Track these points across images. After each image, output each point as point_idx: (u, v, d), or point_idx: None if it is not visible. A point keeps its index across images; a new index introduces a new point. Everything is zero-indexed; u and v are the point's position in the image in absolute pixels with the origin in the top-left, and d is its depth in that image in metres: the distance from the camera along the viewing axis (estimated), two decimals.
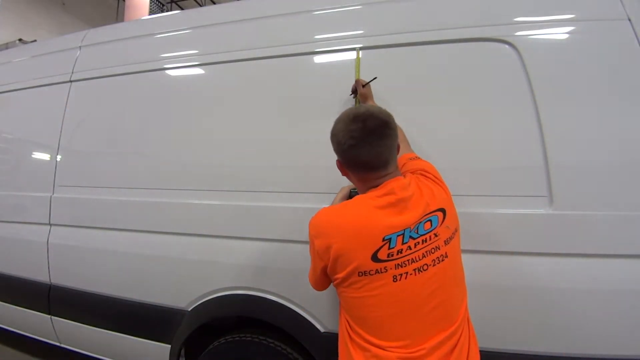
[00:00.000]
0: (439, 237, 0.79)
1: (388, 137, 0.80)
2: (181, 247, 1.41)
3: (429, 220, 0.79)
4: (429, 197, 0.82)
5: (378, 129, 0.79)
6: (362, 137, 0.79)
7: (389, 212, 0.78)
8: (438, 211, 0.81)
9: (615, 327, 0.96)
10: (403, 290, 0.75)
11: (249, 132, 1.37)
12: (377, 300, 0.76)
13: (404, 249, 0.76)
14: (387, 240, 0.75)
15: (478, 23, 1.17)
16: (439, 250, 0.78)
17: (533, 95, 1.07)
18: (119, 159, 1.61)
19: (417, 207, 0.79)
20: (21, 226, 1.82)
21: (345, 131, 0.81)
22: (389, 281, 0.75)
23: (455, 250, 0.83)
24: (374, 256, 0.75)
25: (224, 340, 1.31)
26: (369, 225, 0.77)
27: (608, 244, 0.97)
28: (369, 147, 0.79)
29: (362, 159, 0.81)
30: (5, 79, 2.06)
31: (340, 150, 0.83)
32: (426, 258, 0.77)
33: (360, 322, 0.79)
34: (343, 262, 0.78)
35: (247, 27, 1.48)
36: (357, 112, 0.82)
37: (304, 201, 1.24)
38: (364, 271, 0.76)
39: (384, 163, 0.81)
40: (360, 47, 1.27)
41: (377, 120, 0.79)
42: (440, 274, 0.78)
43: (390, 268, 0.75)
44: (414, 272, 0.76)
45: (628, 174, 0.98)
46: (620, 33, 1.05)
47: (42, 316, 1.75)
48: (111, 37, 1.79)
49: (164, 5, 10.99)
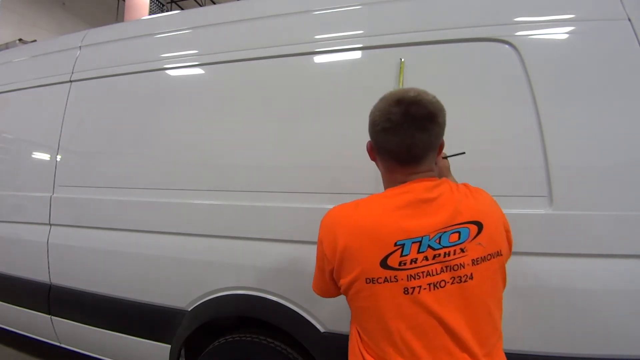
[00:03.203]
0: (466, 253, 0.67)
1: (428, 131, 0.69)
2: (181, 247, 1.41)
3: (457, 231, 0.67)
4: (463, 205, 0.69)
5: (420, 119, 0.69)
6: (399, 122, 0.69)
7: (405, 214, 0.68)
8: (471, 224, 0.68)
9: (615, 327, 0.96)
10: (415, 305, 0.66)
11: (249, 132, 1.37)
12: (386, 312, 0.67)
13: (419, 258, 0.66)
14: (399, 245, 0.66)
15: (478, 23, 1.17)
16: (463, 269, 0.66)
17: (533, 95, 1.07)
18: (119, 159, 1.61)
19: (441, 213, 0.68)
20: (21, 226, 1.82)
21: (383, 111, 0.72)
22: (399, 292, 0.66)
23: (487, 277, 0.68)
24: (383, 262, 0.66)
25: (224, 340, 1.31)
26: (380, 225, 0.68)
27: (608, 244, 0.97)
28: (403, 136, 0.69)
29: (391, 147, 0.72)
30: (5, 79, 2.06)
31: (373, 130, 0.75)
32: (444, 274, 0.66)
33: (372, 334, 0.71)
34: (349, 265, 0.70)
35: (247, 27, 1.48)
36: (404, 94, 0.71)
37: (304, 201, 1.24)
38: (371, 278, 0.67)
39: (414, 158, 0.72)
40: (403, 58, 1.22)
41: (423, 110, 0.69)
42: (463, 295, 0.66)
43: (402, 278, 0.66)
44: (428, 287, 0.66)
45: (628, 174, 0.98)
46: (620, 33, 1.05)
47: (42, 316, 1.76)
48: (111, 37, 1.79)
49: (164, 5, 10.99)
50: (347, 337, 1.18)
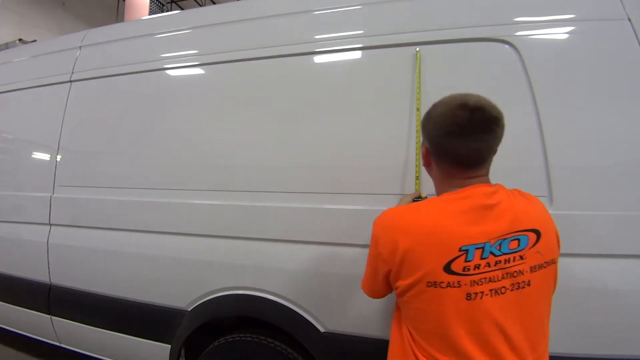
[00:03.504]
0: (525, 261, 0.68)
1: (493, 133, 0.71)
2: (181, 247, 1.41)
3: (517, 239, 0.68)
4: (523, 213, 0.71)
5: (486, 122, 0.70)
6: (466, 126, 0.70)
7: (467, 219, 0.69)
8: (530, 231, 0.69)
9: (615, 327, 0.96)
10: (476, 310, 0.67)
11: (249, 132, 1.37)
12: (447, 316, 0.67)
13: (482, 264, 0.67)
14: (464, 251, 0.67)
15: (478, 23, 1.17)
16: (522, 276, 0.68)
17: (533, 95, 1.07)
18: (119, 159, 1.61)
19: (501, 219, 0.69)
20: (21, 226, 1.82)
21: (447, 116, 0.72)
22: (461, 298, 0.67)
23: (542, 284, 0.71)
24: (447, 267, 0.67)
25: (224, 340, 1.31)
26: (445, 230, 0.69)
27: (608, 244, 0.97)
28: (471, 140, 0.70)
29: (458, 151, 0.72)
30: (5, 79, 2.06)
31: (437, 136, 0.74)
32: (505, 280, 0.67)
33: (427, 336, 0.71)
34: (411, 267, 0.70)
35: (247, 27, 1.48)
36: (465, 99, 0.72)
37: (304, 201, 1.24)
38: (433, 281, 0.68)
39: (479, 161, 0.74)
40: (418, 48, 1.21)
41: (488, 113, 0.70)
42: (521, 302, 0.68)
43: (465, 284, 0.66)
44: (490, 292, 0.66)
45: (628, 174, 0.98)
46: (620, 33, 1.05)
47: (42, 316, 1.76)
48: (111, 37, 1.79)
49: (164, 5, 10.99)
50: (347, 337, 1.18)
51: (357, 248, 1.16)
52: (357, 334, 1.16)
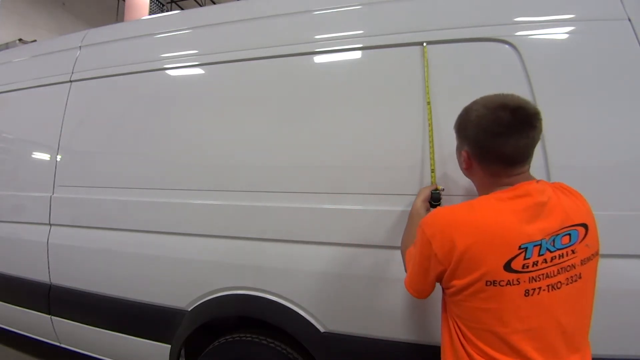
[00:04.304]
0: (577, 255, 0.70)
1: (536, 129, 0.72)
2: (181, 247, 1.41)
3: (568, 234, 0.70)
4: (570, 208, 0.73)
5: (529, 118, 0.72)
6: (512, 124, 0.71)
7: (524, 217, 0.70)
8: (579, 226, 0.72)
9: (615, 327, 0.96)
10: (534, 306, 0.68)
11: (249, 132, 1.37)
12: (504, 314, 0.68)
13: (540, 261, 0.68)
14: (523, 249, 0.68)
15: (478, 23, 1.17)
16: (575, 269, 0.70)
17: (533, 95, 1.07)
18: (119, 159, 1.61)
19: (554, 216, 0.71)
20: (21, 226, 1.82)
21: (490, 117, 0.73)
22: (520, 295, 0.68)
23: (590, 275, 0.74)
24: (507, 265, 0.67)
25: (224, 340, 1.31)
26: (504, 229, 0.69)
27: (608, 244, 0.97)
28: (518, 138, 0.72)
29: (506, 150, 0.73)
30: (5, 79, 2.06)
31: (481, 137, 0.75)
32: (560, 275, 0.69)
33: (481, 334, 0.71)
34: (468, 267, 0.70)
35: (247, 27, 1.48)
36: (504, 100, 0.74)
37: (304, 201, 1.24)
38: (493, 280, 0.68)
39: (525, 157, 0.75)
40: (425, 42, 1.21)
41: (528, 110, 0.72)
42: (574, 294, 0.70)
43: (524, 281, 0.68)
44: (547, 288, 0.68)
45: (628, 174, 0.98)
46: (620, 33, 1.05)
47: (42, 316, 1.76)
48: (111, 37, 1.79)
49: (164, 5, 10.99)
50: (347, 337, 1.18)
51: (358, 248, 1.17)
52: (357, 334, 1.16)
